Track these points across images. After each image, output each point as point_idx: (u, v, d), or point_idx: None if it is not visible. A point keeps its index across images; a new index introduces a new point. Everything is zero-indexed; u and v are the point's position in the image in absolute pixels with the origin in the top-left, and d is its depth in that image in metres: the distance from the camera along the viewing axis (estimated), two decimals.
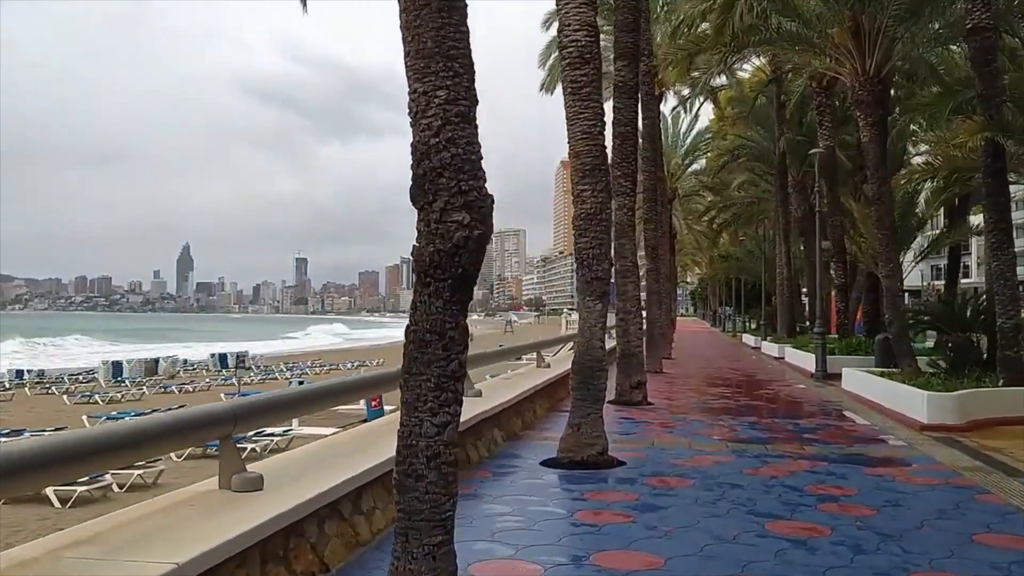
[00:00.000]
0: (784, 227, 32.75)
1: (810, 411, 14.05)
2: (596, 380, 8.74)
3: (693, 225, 56.50)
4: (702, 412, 13.58)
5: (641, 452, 9.54)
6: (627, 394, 14.32)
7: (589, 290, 8.78)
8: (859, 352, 21.86)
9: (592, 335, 8.76)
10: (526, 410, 11.75)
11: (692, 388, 17.88)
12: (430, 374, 3.62)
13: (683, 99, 35.82)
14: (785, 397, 16.44)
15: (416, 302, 3.70)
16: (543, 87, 29.27)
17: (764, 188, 39.98)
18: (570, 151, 8.92)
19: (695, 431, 11.38)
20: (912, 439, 10.90)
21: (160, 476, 15.39)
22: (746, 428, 11.74)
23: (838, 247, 24.07)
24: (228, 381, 38.02)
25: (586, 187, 8.77)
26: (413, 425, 3.64)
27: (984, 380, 13.06)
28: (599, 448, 8.59)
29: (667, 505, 6.91)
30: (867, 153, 16.04)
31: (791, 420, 12.73)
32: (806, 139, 32.41)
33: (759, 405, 15.00)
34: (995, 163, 13.06)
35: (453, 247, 3.61)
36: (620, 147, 14.65)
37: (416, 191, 3.68)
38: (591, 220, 8.75)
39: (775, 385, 19.25)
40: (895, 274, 15.84)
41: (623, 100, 14.62)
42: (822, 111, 23.69)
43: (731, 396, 16.37)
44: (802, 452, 9.68)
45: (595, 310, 8.77)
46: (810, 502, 7.08)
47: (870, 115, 15.92)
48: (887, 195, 15.85)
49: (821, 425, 12.17)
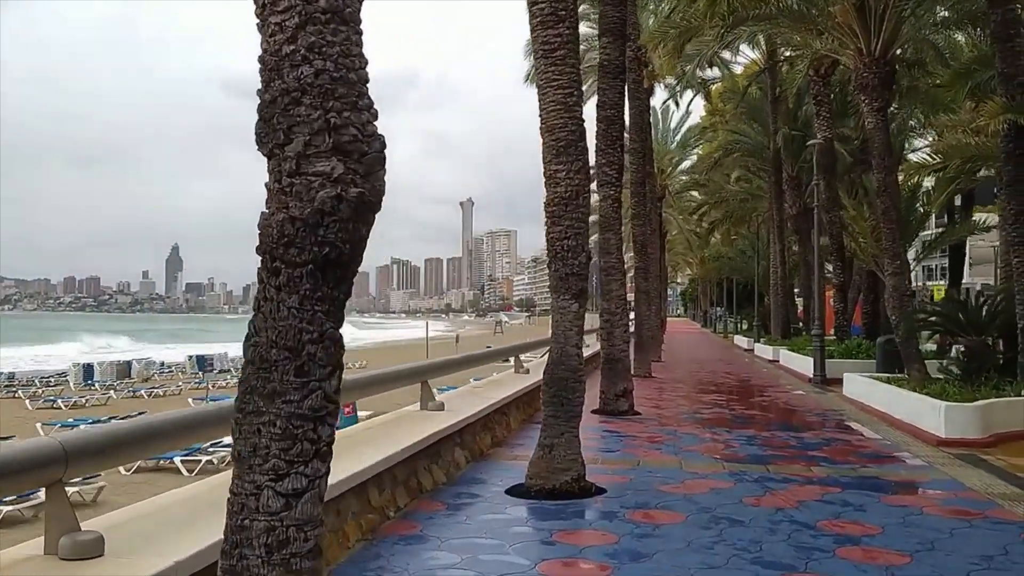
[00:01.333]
0: (778, 224, 31.54)
1: (812, 422, 12.80)
2: (571, 394, 7.45)
3: (684, 224, 55.31)
4: (694, 424, 12.32)
5: (625, 475, 8.25)
6: (612, 403, 13.06)
7: (563, 287, 7.49)
8: (859, 355, 20.65)
9: (567, 340, 7.47)
10: (497, 423, 10.45)
11: (683, 395, 16.61)
12: (275, 413, 2.33)
13: (673, 90, 34.56)
14: (784, 405, 15.18)
15: (260, 300, 2.41)
16: (528, 79, 27.88)
17: (757, 185, 38.80)
18: (542, 125, 7.63)
19: (687, 447, 10.10)
20: (931, 457, 9.64)
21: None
22: (744, 443, 10.46)
23: (836, 244, 22.84)
24: (202, 384, 36.72)
25: (560, 167, 7.48)
26: (247, 495, 2.35)
27: (1003, 388, 11.83)
28: (574, 474, 7.30)
29: (652, 551, 5.62)
30: (872, 140, 14.80)
31: (793, 433, 11.47)
32: (801, 134, 31.22)
33: (756, 415, 13.73)
34: (1017, 148, 11.85)
35: (315, 213, 2.33)
36: (605, 132, 13.39)
37: (262, 128, 2.39)
38: (566, 206, 7.46)
39: (772, 391, 18.00)
40: (902, 271, 14.60)
41: (608, 81, 13.35)
42: (820, 101, 22.46)
43: (725, 404, 15.10)
44: (810, 475, 8.41)
45: (570, 311, 7.47)
46: (826, 545, 5.80)
47: (876, 100, 14.67)
48: (893, 185, 14.61)
49: (827, 439, 10.91)
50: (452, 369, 11.59)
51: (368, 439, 7.28)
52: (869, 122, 14.82)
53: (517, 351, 14.88)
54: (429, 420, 8.47)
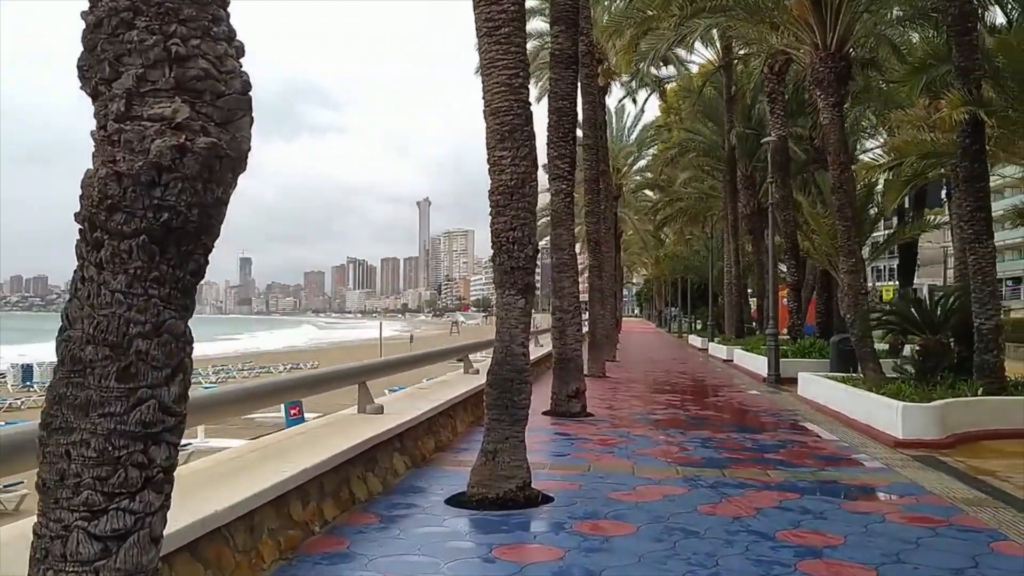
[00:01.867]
0: (732, 224, 31.47)
1: (768, 423, 12.50)
2: (517, 395, 6.95)
3: (639, 224, 55.30)
4: (648, 425, 11.92)
5: (574, 481, 7.78)
6: (564, 404, 12.61)
7: (509, 282, 6.99)
8: (813, 355, 20.58)
9: (512, 339, 6.97)
10: (443, 427, 9.91)
11: (637, 395, 16.24)
12: (89, 430, 1.78)
13: (630, 88, 34.35)
14: (738, 406, 14.89)
15: (76, 282, 1.86)
16: (478, 70, 27.28)
17: (711, 184, 38.79)
18: (486, 108, 7.13)
19: (640, 450, 9.67)
20: (889, 459, 9.35)
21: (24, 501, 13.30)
22: (699, 446, 10.08)
23: (790, 243, 22.73)
24: None
25: (505, 153, 6.98)
26: (52, 537, 1.79)
27: (959, 388, 11.65)
28: (519, 481, 6.81)
29: (601, 568, 5.14)
30: (827, 137, 14.59)
31: (749, 435, 11.13)
32: (756, 133, 31.26)
33: (711, 416, 13.40)
34: (974, 143, 11.66)
35: (150, 168, 1.79)
36: (557, 124, 12.93)
37: (85, 60, 1.84)
38: (511, 195, 6.97)
39: (726, 391, 17.74)
40: (857, 269, 14.41)
41: (560, 71, 12.90)
42: (774, 99, 22.32)
43: (680, 404, 14.76)
44: (767, 479, 8.03)
45: (516, 307, 6.98)
46: (787, 558, 5.39)
47: (831, 95, 14.46)
48: (848, 182, 14.40)
49: (783, 441, 10.58)
50: (392, 370, 11.00)
51: (294, 446, 6.70)
52: (824, 118, 14.60)
53: (466, 351, 14.34)
54: (367, 424, 7.92)
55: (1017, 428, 10.70)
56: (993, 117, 11.57)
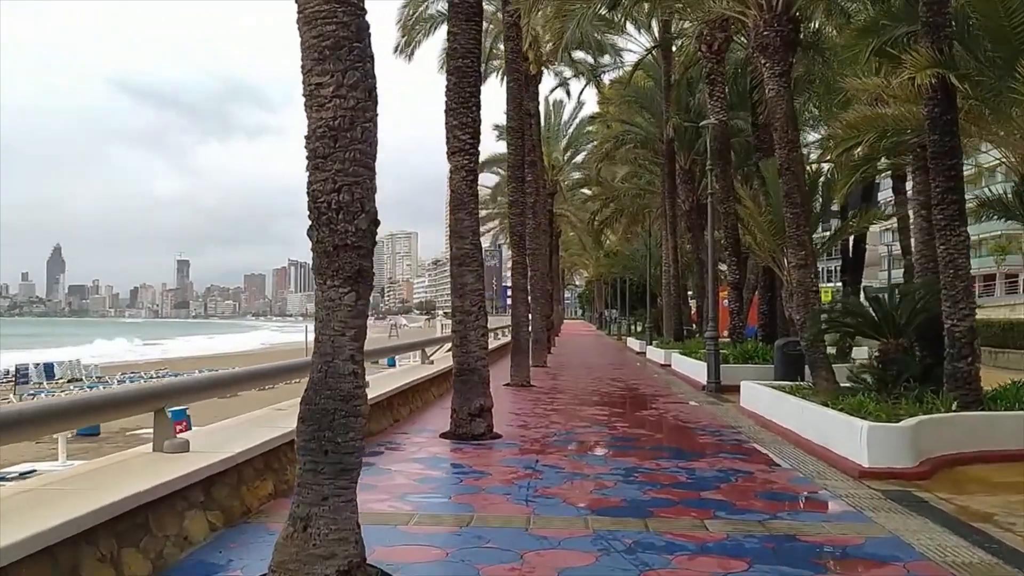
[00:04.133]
0: (671, 220, 29.72)
1: (707, 444, 10.53)
2: (342, 435, 4.75)
3: (578, 222, 53.50)
4: (563, 450, 9.84)
5: (441, 548, 5.63)
6: (464, 425, 10.47)
7: (331, 268, 4.80)
8: (756, 360, 18.78)
9: (336, 351, 4.77)
10: (289, 463, 7.62)
11: (561, 408, 14.17)
12: None
13: (563, 79, 32.42)
14: (674, 421, 12.90)
15: None
16: (396, 50, 25.01)
17: (648, 180, 37.11)
18: (299, 16, 4.90)
19: (545, 489, 7.56)
20: (856, 497, 7.40)
21: None
22: (621, 479, 8.02)
23: (731, 239, 20.93)
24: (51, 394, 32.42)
25: (326, 79, 4.77)
26: None
27: (929, 401, 9.82)
28: (342, 562, 4.61)
29: None
30: (773, 111, 12.75)
31: (684, 462, 9.10)
32: (694, 124, 29.54)
33: (641, 435, 11.37)
34: (944, 113, 9.87)
35: None
36: (456, 87, 10.79)
37: None
38: (334, 139, 4.77)
39: (661, 401, 15.80)
40: (808, 263, 12.56)
41: (460, 24, 10.78)
42: (713, 80, 20.47)
43: (607, 420, 12.73)
44: (704, 535, 5.98)
45: (342, 304, 4.78)
46: None
47: (777, 63, 12.63)
48: (798, 163, 12.57)
49: (725, 472, 8.58)
50: (200, 393, 7.75)
51: (27, 503, 4.43)
52: (770, 90, 12.75)
53: None
54: (152, 470, 5.65)
55: (1004, 450, 8.92)
56: (966, 83, 9.78)
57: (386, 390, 11.39)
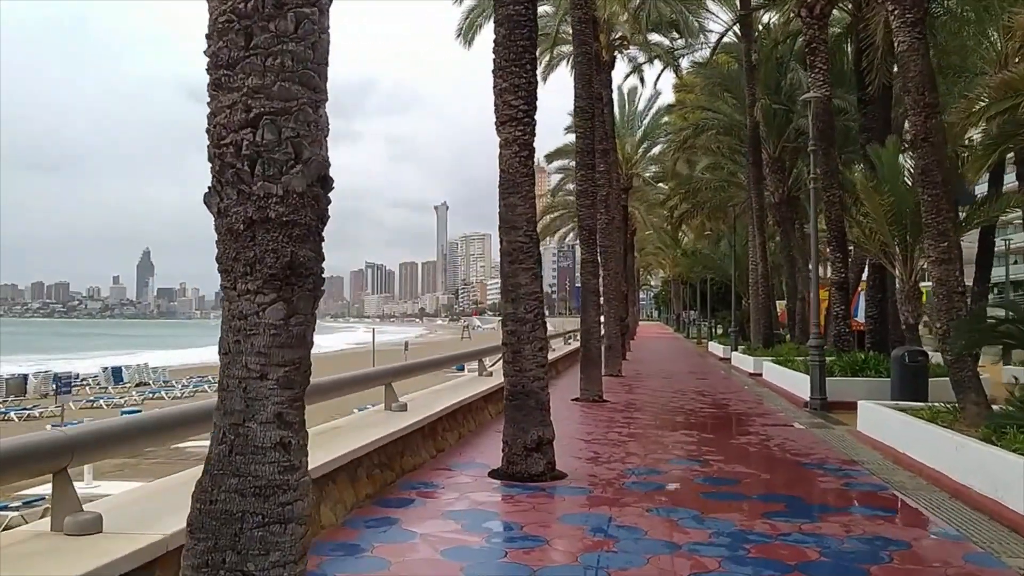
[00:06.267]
0: (758, 214, 26.93)
1: (831, 492, 8.16)
2: (257, 559, 2.67)
3: (654, 220, 50.75)
4: (645, 499, 7.62)
5: None
6: (520, 462, 8.36)
7: (241, 258, 2.74)
8: (867, 372, 16.02)
9: (248, 406, 2.70)
10: None
11: (639, 432, 11.92)
12: None
13: (636, 65, 29.97)
14: (780, 454, 10.48)
15: None
16: (459, 33, 23.06)
17: (730, 171, 34.26)
18: None
19: (623, 569, 5.37)
20: None
21: None
22: (725, 552, 5.78)
23: (836, 231, 18.17)
24: (111, 401, 31.71)
25: None
26: None
27: None
28: None
29: None
30: (906, 69, 10.22)
31: (807, 524, 6.77)
32: (785, 108, 26.82)
33: (743, 475, 9.01)
34: None
35: None
36: (507, 40, 8.69)
37: None
38: (249, 34, 2.71)
39: (759, 423, 13.35)
40: (951, 258, 9.99)
41: None
42: (814, 49, 17.75)
43: (697, 451, 10.43)
44: None
45: (260, 323, 2.72)
46: None
47: (910, 9, 10.13)
48: (937, 132, 10.01)
49: (870, 542, 6.22)
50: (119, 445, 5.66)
51: None
52: (901, 42, 10.23)
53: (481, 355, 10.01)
54: (42, 561, 3.72)
55: None
56: None
57: (424, 415, 9.33)
